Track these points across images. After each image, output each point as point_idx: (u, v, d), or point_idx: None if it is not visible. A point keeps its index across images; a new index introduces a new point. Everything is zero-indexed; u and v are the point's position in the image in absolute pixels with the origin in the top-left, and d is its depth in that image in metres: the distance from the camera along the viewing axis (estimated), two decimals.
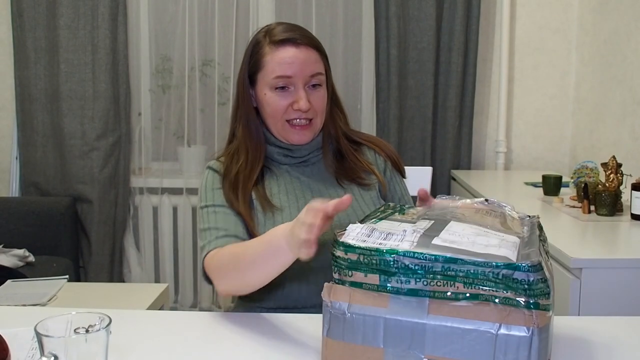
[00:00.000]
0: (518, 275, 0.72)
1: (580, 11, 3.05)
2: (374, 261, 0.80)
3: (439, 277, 0.76)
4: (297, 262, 1.01)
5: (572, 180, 2.26)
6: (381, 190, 1.42)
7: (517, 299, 0.73)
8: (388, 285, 0.79)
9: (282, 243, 1.01)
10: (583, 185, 2.08)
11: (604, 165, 2.06)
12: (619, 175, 2.03)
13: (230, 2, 3.08)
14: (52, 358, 0.78)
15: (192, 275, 3.20)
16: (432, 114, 3.02)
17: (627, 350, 1.03)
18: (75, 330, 0.83)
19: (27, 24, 3.00)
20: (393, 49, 2.95)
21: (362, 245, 0.81)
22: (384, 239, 0.82)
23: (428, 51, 2.96)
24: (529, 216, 0.98)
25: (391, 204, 1.05)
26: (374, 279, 0.80)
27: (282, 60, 1.30)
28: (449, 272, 0.75)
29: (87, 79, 3.03)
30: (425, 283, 0.77)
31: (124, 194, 3.13)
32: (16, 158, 3.14)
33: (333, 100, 1.42)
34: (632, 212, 1.96)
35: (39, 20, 3.00)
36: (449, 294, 0.76)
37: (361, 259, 0.81)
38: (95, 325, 0.83)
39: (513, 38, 3.12)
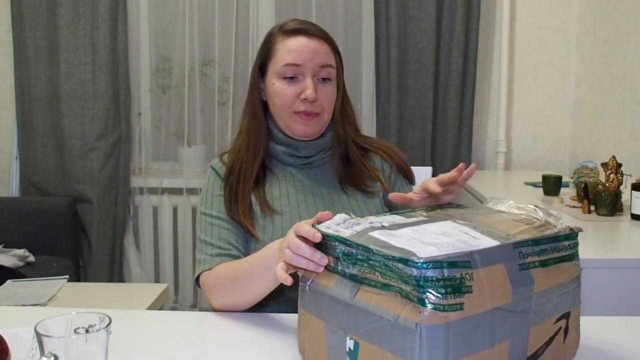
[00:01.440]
0: (407, 270, 0.75)
1: (580, 11, 3.05)
2: (327, 245, 0.88)
3: (365, 265, 0.82)
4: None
5: (572, 180, 2.25)
6: (385, 198, 1.39)
7: (412, 293, 0.75)
8: (338, 268, 0.86)
9: (277, 255, 1.01)
10: (583, 185, 2.07)
11: (604, 165, 2.06)
12: (619, 175, 2.03)
13: (230, 2, 3.08)
14: (52, 358, 0.78)
15: (192, 275, 3.19)
16: (432, 114, 3.01)
17: (627, 350, 1.03)
18: (75, 330, 0.83)
19: (27, 24, 3.00)
20: (393, 49, 2.95)
21: (323, 230, 0.89)
22: (345, 228, 0.88)
23: (428, 51, 2.96)
24: (571, 228, 0.94)
25: (457, 204, 1.08)
26: (331, 261, 0.88)
27: (292, 48, 1.29)
28: (370, 262, 0.81)
29: (87, 79, 3.03)
30: (358, 270, 0.83)
31: (124, 194, 3.13)
32: (16, 158, 3.14)
33: (344, 101, 1.39)
34: (632, 212, 1.96)
35: (39, 20, 3.00)
36: (371, 282, 0.81)
37: (324, 242, 0.89)
38: (95, 325, 0.83)
39: (513, 38, 3.12)
